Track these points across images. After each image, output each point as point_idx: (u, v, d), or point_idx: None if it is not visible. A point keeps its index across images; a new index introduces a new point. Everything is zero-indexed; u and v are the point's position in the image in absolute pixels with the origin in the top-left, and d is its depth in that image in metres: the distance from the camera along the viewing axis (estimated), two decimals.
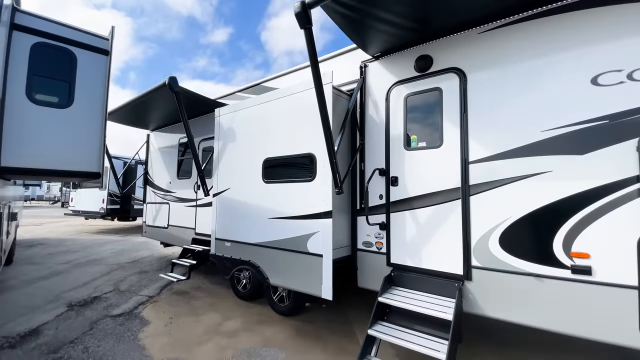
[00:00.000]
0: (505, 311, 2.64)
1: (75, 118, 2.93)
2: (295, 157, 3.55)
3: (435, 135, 3.12)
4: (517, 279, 2.60)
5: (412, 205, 3.21)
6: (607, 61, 2.43)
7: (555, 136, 2.56)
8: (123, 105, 5.60)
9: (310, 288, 3.28)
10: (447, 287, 2.87)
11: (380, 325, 2.84)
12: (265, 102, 3.93)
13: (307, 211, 3.36)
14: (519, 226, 2.63)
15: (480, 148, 2.85)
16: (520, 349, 3.35)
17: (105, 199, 11.15)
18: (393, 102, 3.42)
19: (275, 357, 3.24)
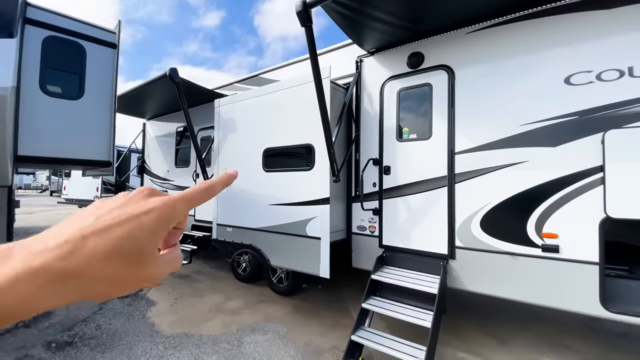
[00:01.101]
0: (484, 286, 2.97)
1: (86, 109, 3.08)
2: (294, 147, 3.77)
3: (425, 128, 3.38)
4: (495, 258, 2.92)
5: (402, 192, 3.49)
6: (579, 62, 2.70)
7: (532, 130, 2.84)
8: (121, 94, 5.66)
9: (309, 268, 3.56)
10: (433, 266, 3.18)
11: (373, 300, 3.15)
12: (265, 94, 4.11)
13: (306, 198, 3.60)
14: (498, 210, 2.93)
15: (466, 140, 3.12)
16: (497, 321, 3.73)
17: (99, 187, 11.17)
18: (387, 96, 3.65)
19: (277, 331, 3.54)
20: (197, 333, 3.46)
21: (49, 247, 0.26)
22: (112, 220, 0.29)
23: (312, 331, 3.54)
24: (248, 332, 3.50)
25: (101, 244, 0.27)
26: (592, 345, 3.29)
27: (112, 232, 0.28)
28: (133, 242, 0.29)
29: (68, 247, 0.26)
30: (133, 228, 0.29)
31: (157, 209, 0.31)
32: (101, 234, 0.28)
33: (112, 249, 0.28)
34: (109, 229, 0.28)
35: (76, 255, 0.26)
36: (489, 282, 2.95)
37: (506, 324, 3.69)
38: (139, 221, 0.30)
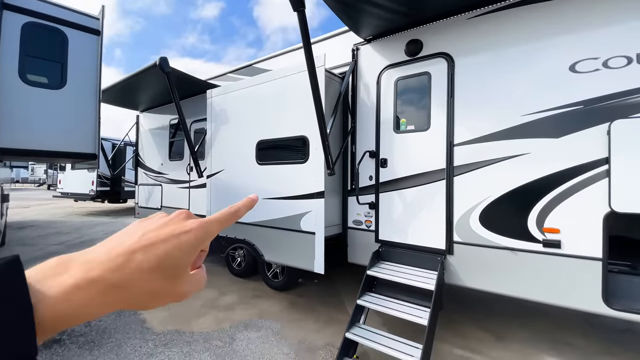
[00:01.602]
0: (483, 282, 2.88)
1: (69, 99, 2.94)
2: (288, 140, 3.64)
3: (423, 119, 3.25)
4: (494, 253, 2.83)
5: (399, 186, 3.38)
6: (585, 49, 2.56)
7: (534, 120, 2.72)
8: (111, 85, 5.51)
9: (303, 263, 3.47)
10: (431, 261, 3.10)
11: (369, 296, 3.07)
12: (258, 84, 3.97)
13: (300, 192, 3.50)
14: (498, 204, 2.83)
15: (465, 131, 3.00)
16: (495, 317, 3.66)
17: (94, 181, 11.06)
18: (384, 86, 3.52)
19: (271, 327, 3.46)
20: (189, 330, 3.38)
21: (103, 260, 0.29)
22: (155, 238, 0.32)
23: (306, 327, 3.47)
24: (241, 328, 3.42)
25: (146, 260, 0.31)
26: (592, 342, 3.22)
27: (156, 249, 0.32)
28: (172, 259, 0.32)
29: (119, 261, 0.30)
30: (173, 246, 0.33)
31: (194, 230, 0.35)
32: (146, 250, 0.31)
33: (155, 265, 0.31)
34: (153, 246, 0.32)
35: (125, 268, 0.29)
36: (487, 278, 2.86)
37: (504, 319, 3.63)
38: (178, 240, 0.33)
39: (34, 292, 0.26)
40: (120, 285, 0.29)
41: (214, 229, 0.37)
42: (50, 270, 0.29)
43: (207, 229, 0.36)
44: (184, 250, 0.34)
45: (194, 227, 0.35)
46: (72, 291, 0.27)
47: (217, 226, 0.37)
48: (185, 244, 0.34)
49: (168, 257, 0.32)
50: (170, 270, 0.32)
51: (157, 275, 0.31)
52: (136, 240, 0.32)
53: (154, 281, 0.31)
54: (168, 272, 0.32)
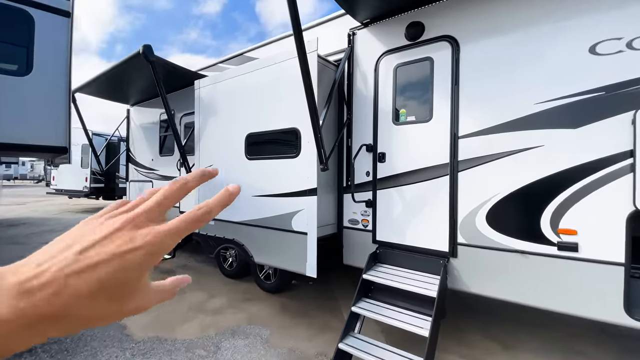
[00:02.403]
0: (490, 288, 2.62)
1: (36, 86, 2.68)
2: (278, 132, 3.37)
3: (425, 109, 2.98)
4: (502, 256, 2.56)
5: (399, 182, 3.11)
6: (607, 28, 2.28)
7: (549, 109, 2.44)
8: (97, 76, 5.25)
9: (294, 266, 3.22)
10: (432, 264, 2.83)
11: (365, 302, 2.81)
12: (246, 73, 3.69)
13: (291, 188, 3.23)
14: (507, 203, 2.56)
15: (471, 122, 2.72)
16: (503, 324, 3.40)
17: (88, 178, 10.83)
18: (382, 73, 3.24)
19: (260, 334, 3.22)
20: (171, 337, 3.14)
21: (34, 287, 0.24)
22: (95, 257, 0.27)
23: (298, 334, 3.22)
24: (227, 335, 3.18)
25: (84, 284, 0.26)
26: (607, 351, 2.97)
27: (94, 272, 0.26)
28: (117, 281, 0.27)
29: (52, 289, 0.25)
30: (117, 268, 0.27)
31: (144, 247, 0.29)
32: (84, 273, 0.26)
33: (95, 289, 0.26)
34: (93, 268, 0.27)
35: (60, 297, 0.25)
36: (495, 283, 2.60)
37: (512, 327, 3.37)
38: (123, 260, 0.28)
39: None
40: (56, 315, 0.25)
41: (171, 241, 0.31)
42: None
43: (160, 244, 0.30)
44: (130, 270, 0.28)
45: (144, 244, 0.29)
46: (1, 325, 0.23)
47: (175, 238, 0.31)
48: (131, 265, 0.28)
49: (111, 280, 0.27)
50: (115, 292, 0.28)
51: (99, 299, 0.27)
52: (72, 260, 0.26)
53: (96, 306, 0.27)
54: (112, 294, 0.28)
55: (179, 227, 0.31)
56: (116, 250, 0.28)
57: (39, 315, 0.24)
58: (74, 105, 6.17)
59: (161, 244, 0.30)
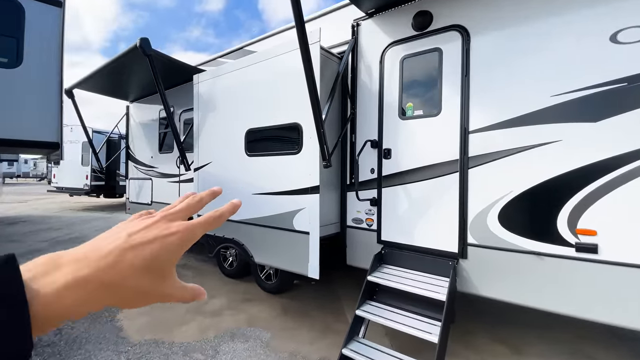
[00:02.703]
0: (502, 291, 2.48)
1: (26, 79, 2.56)
2: (279, 128, 3.24)
3: (433, 102, 2.83)
4: (516, 258, 2.42)
5: (405, 180, 2.97)
6: (629, 15, 2.12)
7: (567, 102, 2.29)
8: (95, 71, 5.13)
9: (296, 267, 3.10)
10: (441, 266, 2.70)
11: (369, 306, 2.69)
12: (246, 67, 3.56)
13: (293, 186, 3.11)
14: (521, 201, 2.42)
15: (482, 116, 2.58)
16: (514, 326, 3.27)
17: (89, 175, 10.75)
18: (388, 66, 3.09)
19: (260, 337, 3.10)
20: (169, 340, 3.03)
21: (93, 259, 0.30)
22: (142, 239, 0.33)
23: (299, 338, 3.10)
24: (227, 338, 3.07)
25: (136, 259, 0.31)
26: (618, 355, 2.83)
27: (144, 249, 0.32)
28: (159, 260, 0.33)
29: (110, 260, 0.30)
30: (160, 247, 0.33)
31: (180, 233, 0.35)
32: (135, 249, 0.32)
33: (144, 264, 0.31)
34: (141, 246, 0.32)
35: (117, 267, 0.30)
36: (507, 286, 2.46)
37: (520, 329, 3.23)
38: (164, 242, 0.34)
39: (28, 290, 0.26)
40: (112, 283, 0.30)
41: (198, 232, 0.37)
42: (41, 268, 0.29)
43: (191, 232, 0.36)
44: (170, 251, 0.34)
45: (179, 230, 0.35)
46: (63, 290, 0.27)
47: (201, 230, 0.38)
48: (170, 246, 0.34)
49: (155, 258, 0.32)
50: (158, 271, 0.33)
51: (145, 274, 0.32)
52: (124, 240, 0.32)
53: (142, 280, 0.32)
54: (155, 272, 0.33)
55: (204, 222, 0.38)
56: (158, 234, 0.34)
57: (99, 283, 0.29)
58: (72, 102, 6.06)
59: (192, 231, 0.36)
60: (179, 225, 0.36)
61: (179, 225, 0.36)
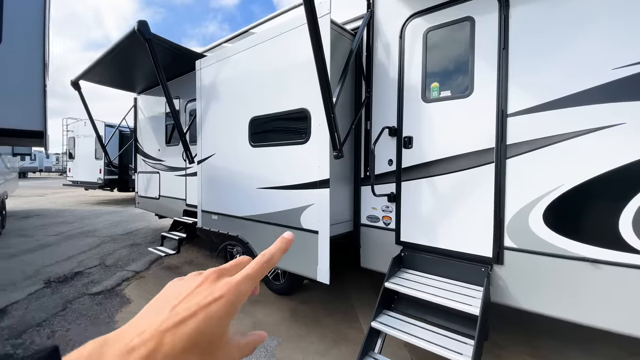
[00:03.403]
0: (546, 304, 2.09)
1: (5, 60, 2.32)
2: (285, 115, 2.91)
3: (463, 81, 2.43)
4: (564, 265, 2.02)
5: (429, 172, 2.59)
6: None
7: (634, 75, 1.85)
8: (97, 61, 4.92)
9: (304, 269, 2.79)
10: (471, 272, 2.33)
11: (387, 316, 2.35)
12: (250, 48, 3.23)
13: (300, 180, 2.78)
14: (573, 198, 2.01)
15: (524, 95, 2.16)
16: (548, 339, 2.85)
17: (102, 169, 10.78)
18: (409, 41, 2.70)
19: (265, 346, 2.82)
20: None
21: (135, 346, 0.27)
22: (185, 312, 0.29)
23: (309, 347, 2.80)
24: None
25: (178, 340, 0.28)
26: None
27: (186, 326, 0.28)
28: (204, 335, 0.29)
29: (151, 345, 0.27)
30: (203, 320, 0.29)
31: (225, 296, 0.31)
32: (177, 328, 0.28)
33: (187, 345, 0.28)
34: (183, 323, 0.29)
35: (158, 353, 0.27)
36: (552, 298, 2.07)
37: (560, 341, 2.82)
38: (207, 312, 0.30)
39: None
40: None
41: (245, 288, 0.33)
42: None
43: (238, 291, 0.32)
44: (215, 322, 0.30)
45: (223, 293, 0.31)
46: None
47: (249, 284, 0.34)
48: (215, 315, 0.30)
49: (199, 334, 0.28)
50: (205, 346, 0.29)
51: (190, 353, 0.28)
52: (165, 317, 0.29)
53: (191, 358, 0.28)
54: (202, 349, 0.29)
55: (251, 272, 0.34)
56: (201, 302, 0.30)
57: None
58: (79, 93, 5.91)
59: (238, 291, 0.32)
60: (223, 285, 0.32)
61: (224, 286, 0.32)
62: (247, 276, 0.34)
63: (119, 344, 0.27)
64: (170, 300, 0.31)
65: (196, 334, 0.28)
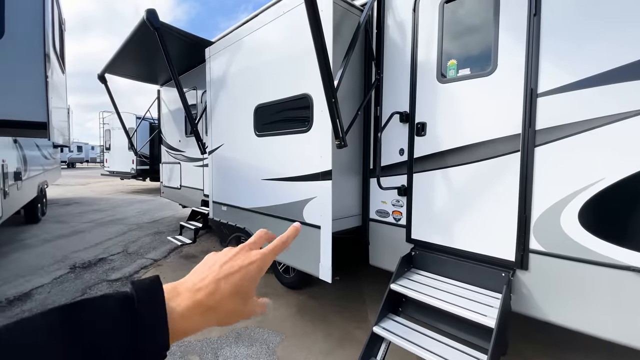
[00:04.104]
0: (578, 318, 1.77)
1: (9, 52, 2.34)
2: (288, 102, 2.73)
3: (485, 57, 2.09)
4: (604, 273, 1.69)
5: (445, 163, 2.30)
6: None
7: None
8: (116, 54, 5.01)
9: (307, 266, 2.63)
10: (490, 277, 2.04)
11: (392, 322, 2.14)
12: (254, 31, 3.06)
13: (302, 171, 2.60)
14: (616, 194, 1.65)
15: (559, 70, 1.80)
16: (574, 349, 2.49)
17: (135, 160, 11.28)
18: (424, 14, 2.38)
19: (267, 341, 2.73)
20: None
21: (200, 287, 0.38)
22: (231, 269, 0.41)
23: (312, 346, 2.67)
24: (230, 340, 2.74)
25: (228, 287, 0.39)
26: None
27: (233, 278, 0.40)
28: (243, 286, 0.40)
29: (211, 288, 0.38)
30: (244, 275, 0.41)
31: (257, 261, 0.43)
32: (227, 279, 0.40)
33: (234, 290, 0.39)
34: (231, 275, 0.40)
35: (216, 294, 0.38)
36: (587, 312, 1.75)
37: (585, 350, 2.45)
38: (247, 270, 0.41)
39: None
40: (213, 307, 0.38)
41: (271, 258, 0.45)
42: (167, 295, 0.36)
43: (265, 259, 0.44)
44: (251, 277, 0.41)
45: (257, 259, 0.43)
46: (186, 311, 0.36)
47: (272, 256, 0.45)
48: (251, 273, 0.41)
49: (241, 284, 0.40)
50: (243, 294, 0.40)
51: (234, 298, 0.39)
52: (218, 271, 0.40)
53: (233, 303, 0.39)
54: (241, 296, 0.40)
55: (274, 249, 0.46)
56: (241, 264, 0.42)
57: (204, 306, 0.37)
58: (105, 87, 6.12)
59: (265, 259, 0.44)
60: (256, 254, 0.44)
61: (257, 254, 0.44)
62: (271, 250, 0.46)
63: (186, 285, 0.39)
64: (217, 262, 0.42)
65: (240, 284, 0.40)
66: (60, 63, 3.55)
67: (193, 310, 0.36)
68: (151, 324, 0.33)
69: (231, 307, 0.39)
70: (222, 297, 0.38)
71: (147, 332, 0.32)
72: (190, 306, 0.36)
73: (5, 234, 5.80)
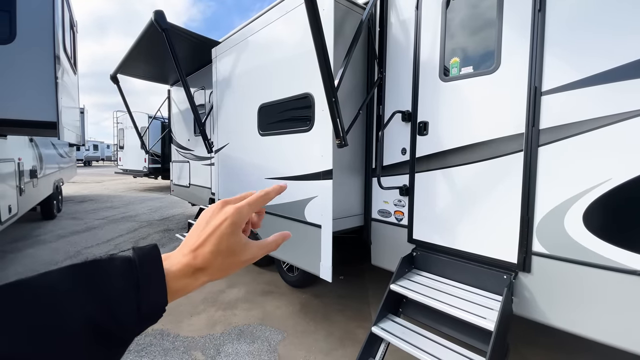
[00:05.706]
0: (582, 323, 1.72)
1: (20, 56, 2.42)
2: (290, 101, 2.73)
3: (488, 54, 2.05)
4: (610, 278, 1.64)
5: (447, 162, 2.27)
6: None
7: None
8: (127, 55, 5.12)
9: (308, 265, 2.64)
10: (492, 279, 2.01)
11: (391, 322, 2.13)
12: (258, 31, 3.08)
13: (304, 170, 2.61)
14: (623, 196, 1.60)
15: (564, 67, 1.75)
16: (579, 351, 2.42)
17: (147, 158, 11.53)
18: (426, 11, 2.35)
19: (269, 339, 2.76)
20: (175, 332, 2.85)
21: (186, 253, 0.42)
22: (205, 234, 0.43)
23: (313, 345, 2.68)
24: (233, 337, 2.78)
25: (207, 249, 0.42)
26: None
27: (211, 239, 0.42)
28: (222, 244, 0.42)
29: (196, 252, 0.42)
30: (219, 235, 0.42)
31: (229, 217, 0.43)
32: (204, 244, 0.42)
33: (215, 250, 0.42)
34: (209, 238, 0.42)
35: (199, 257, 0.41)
36: (592, 317, 1.70)
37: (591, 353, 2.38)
38: (220, 230, 0.42)
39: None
40: (202, 267, 0.41)
41: (246, 211, 0.45)
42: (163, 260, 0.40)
43: (240, 213, 0.44)
44: (227, 235, 0.42)
45: (228, 215, 0.43)
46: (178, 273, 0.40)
47: (248, 209, 0.45)
48: (226, 230, 0.42)
49: (219, 243, 0.42)
50: (226, 250, 0.42)
51: (219, 255, 0.42)
52: (198, 236, 0.43)
53: (219, 259, 0.42)
54: (225, 252, 0.42)
55: (251, 200, 0.46)
56: (215, 224, 0.43)
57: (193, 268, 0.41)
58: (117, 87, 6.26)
59: (239, 213, 0.44)
60: (228, 209, 0.44)
61: (229, 209, 0.44)
62: (247, 203, 0.46)
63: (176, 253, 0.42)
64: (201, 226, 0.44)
65: (218, 244, 0.42)
66: (72, 64, 3.66)
67: (185, 269, 0.40)
68: (152, 282, 0.36)
69: (221, 263, 0.42)
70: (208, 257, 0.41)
71: (151, 289, 0.36)
72: (182, 268, 0.40)
73: (22, 230, 6.02)
